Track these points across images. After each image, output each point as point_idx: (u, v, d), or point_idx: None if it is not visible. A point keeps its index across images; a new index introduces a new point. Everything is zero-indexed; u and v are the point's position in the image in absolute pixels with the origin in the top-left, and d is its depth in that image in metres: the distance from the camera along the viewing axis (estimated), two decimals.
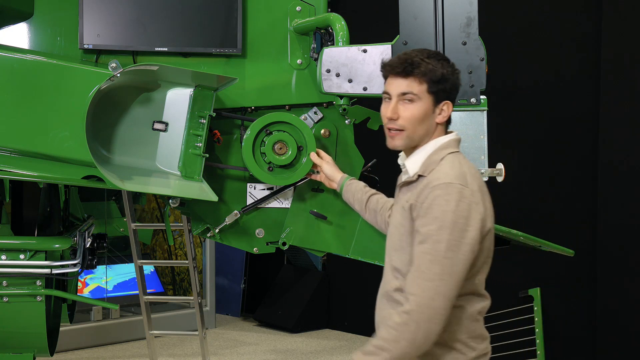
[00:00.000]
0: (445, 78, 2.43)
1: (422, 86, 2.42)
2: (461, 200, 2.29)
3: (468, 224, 2.29)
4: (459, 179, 2.34)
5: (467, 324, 2.40)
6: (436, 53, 2.47)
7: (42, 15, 3.25)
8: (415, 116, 2.43)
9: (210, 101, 3.21)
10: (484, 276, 2.45)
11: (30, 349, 3.61)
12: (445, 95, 2.45)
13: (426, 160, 2.44)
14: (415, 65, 2.41)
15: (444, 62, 2.45)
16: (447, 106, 2.46)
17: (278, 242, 3.40)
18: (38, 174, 3.12)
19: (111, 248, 7.11)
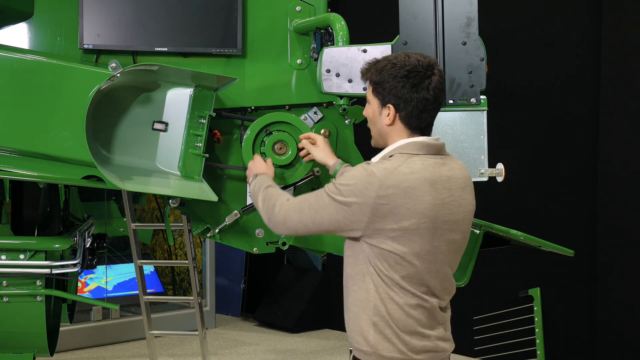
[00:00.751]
0: (384, 80, 2.51)
1: (370, 88, 2.57)
2: (361, 175, 2.42)
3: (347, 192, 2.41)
4: (377, 167, 2.43)
5: (399, 315, 2.45)
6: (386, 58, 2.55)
7: (42, 15, 3.25)
8: (369, 117, 2.61)
9: (210, 101, 3.21)
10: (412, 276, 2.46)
11: (30, 349, 3.61)
12: (386, 99, 2.52)
13: (381, 157, 2.54)
14: (364, 70, 2.59)
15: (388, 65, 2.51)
16: (389, 110, 2.52)
17: (278, 242, 3.40)
18: (38, 174, 3.12)
19: (111, 248, 7.11)
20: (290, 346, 6.92)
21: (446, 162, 2.51)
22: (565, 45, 5.83)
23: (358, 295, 2.49)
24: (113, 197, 7.01)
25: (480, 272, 3.86)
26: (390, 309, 2.44)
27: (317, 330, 7.44)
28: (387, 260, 2.43)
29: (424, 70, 2.47)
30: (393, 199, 2.38)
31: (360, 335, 2.49)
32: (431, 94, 2.47)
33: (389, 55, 2.55)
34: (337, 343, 7.02)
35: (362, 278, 2.47)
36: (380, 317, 2.45)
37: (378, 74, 2.51)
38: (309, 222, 2.51)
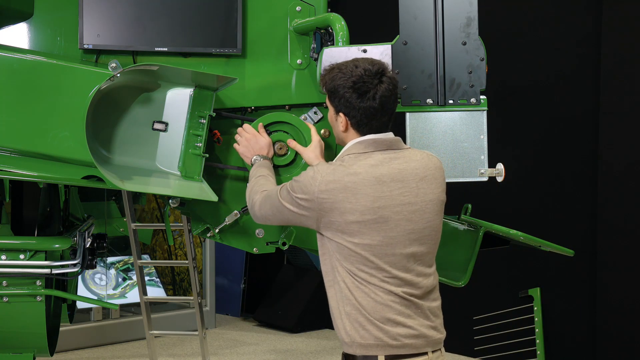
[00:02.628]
0: (334, 89, 2.65)
1: (326, 95, 2.73)
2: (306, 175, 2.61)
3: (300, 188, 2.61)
4: (324, 166, 2.62)
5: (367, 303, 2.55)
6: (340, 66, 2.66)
7: (42, 15, 3.24)
8: (329, 121, 2.78)
9: (210, 101, 3.21)
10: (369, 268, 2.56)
11: (30, 349, 3.61)
12: (338, 107, 2.67)
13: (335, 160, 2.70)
14: (321, 77, 2.74)
15: (342, 74, 2.63)
16: (341, 117, 2.67)
17: (278, 242, 3.40)
18: (38, 174, 3.12)
19: (111, 248, 7.11)
20: (290, 346, 6.92)
21: (399, 156, 2.62)
22: (565, 45, 5.83)
23: (332, 290, 2.62)
24: (113, 197, 7.01)
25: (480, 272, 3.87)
26: (359, 298, 2.55)
27: (317, 330, 7.44)
28: (342, 252, 2.56)
29: (370, 80, 2.59)
30: (334, 193, 2.54)
31: (341, 328, 2.59)
32: (377, 102, 2.61)
33: (341, 64, 2.68)
34: (337, 343, 7.02)
35: (332, 272, 2.62)
36: (351, 307, 2.55)
37: (330, 83, 2.66)
38: (272, 217, 2.77)
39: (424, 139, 3.18)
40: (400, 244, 2.57)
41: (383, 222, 2.54)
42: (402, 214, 2.56)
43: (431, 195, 2.63)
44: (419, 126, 3.18)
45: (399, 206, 2.56)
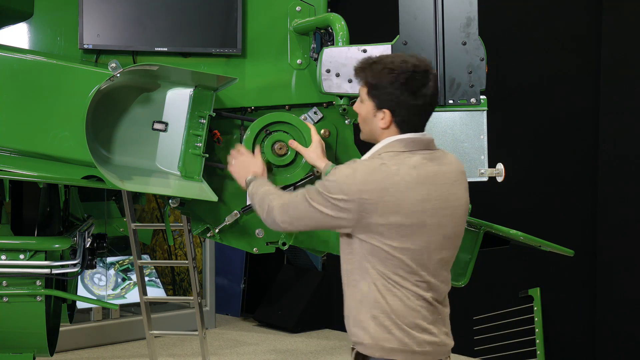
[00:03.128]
0: (380, 86, 2.52)
1: (364, 89, 2.58)
2: (345, 173, 2.47)
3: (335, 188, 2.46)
4: (362, 164, 2.49)
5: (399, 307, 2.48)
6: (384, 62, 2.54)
7: (42, 15, 3.24)
8: (360, 115, 2.62)
9: (210, 101, 3.21)
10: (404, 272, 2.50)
11: (30, 349, 3.61)
12: (383, 103, 2.53)
13: (370, 157, 2.57)
14: (359, 70, 2.59)
15: (389, 69, 2.50)
16: (385, 114, 2.53)
17: (278, 242, 3.40)
18: (38, 174, 3.12)
19: (111, 248, 7.11)
20: (290, 346, 6.92)
21: (435, 157, 2.55)
22: (565, 45, 5.83)
23: (357, 290, 2.52)
24: (113, 197, 7.01)
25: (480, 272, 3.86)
26: (390, 301, 2.47)
27: (317, 330, 7.44)
28: (378, 255, 2.46)
29: (422, 77, 2.50)
30: (376, 193, 2.42)
31: (361, 329, 2.51)
32: (428, 100, 2.52)
33: (385, 58, 2.55)
34: (337, 343, 7.02)
35: (360, 273, 2.51)
36: (380, 310, 2.48)
37: (374, 77, 2.52)
38: (297, 222, 2.59)
39: None
40: (436, 249, 2.51)
41: (422, 226, 2.47)
42: (437, 218, 2.49)
43: (461, 200, 2.59)
44: None
45: (435, 210, 2.49)
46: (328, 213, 2.48)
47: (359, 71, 2.59)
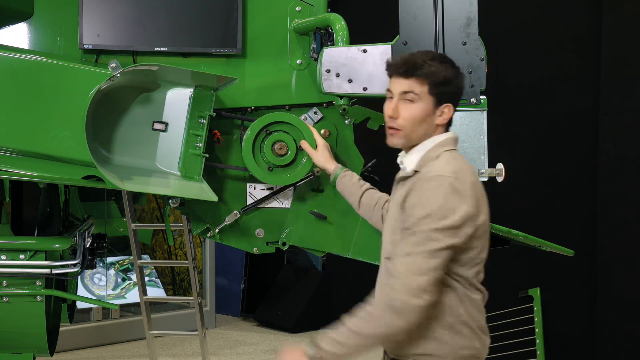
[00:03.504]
0: (448, 81, 2.47)
1: (424, 87, 2.46)
2: (450, 191, 2.34)
3: (454, 214, 2.32)
4: (452, 172, 2.39)
5: (473, 311, 2.43)
6: (441, 55, 2.52)
7: (42, 15, 3.24)
8: (415, 116, 2.48)
9: (210, 101, 3.21)
10: (480, 270, 2.49)
11: (30, 349, 3.61)
12: (446, 97, 2.49)
13: (423, 157, 2.49)
14: (417, 67, 2.46)
15: (447, 65, 2.49)
16: (448, 108, 2.50)
17: (278, 242, 3.40)
18: (38, 174, 3.12)
19: (111, 248, 7.11)
20: None
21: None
22: (565, 45, 5.83)
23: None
24: (113, 197, 7.02)
25: None
26: (468, 306, 2.42)
27: (317, 330, 7.43)
28: (461, 259, 2.40)
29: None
30: (473, 194, 2.39)
31: (430, 340, 2.41)
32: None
33: (439, 54, 2.51)
34: None
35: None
36: (455, 318, 2.41)
37: (442, 73, 2.45)
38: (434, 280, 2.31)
39: None
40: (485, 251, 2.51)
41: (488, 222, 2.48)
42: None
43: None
44: None
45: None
46: (461, 244, 2.34)
47: (416, 69, 2.46)
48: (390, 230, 2.52)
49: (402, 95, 2.49)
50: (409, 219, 2.37)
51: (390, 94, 2.54)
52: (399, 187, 2.57)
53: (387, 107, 2.54)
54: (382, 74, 3.13)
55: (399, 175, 2.59)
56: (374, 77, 3.13)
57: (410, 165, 2.51)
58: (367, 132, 3.61)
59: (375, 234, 3.33)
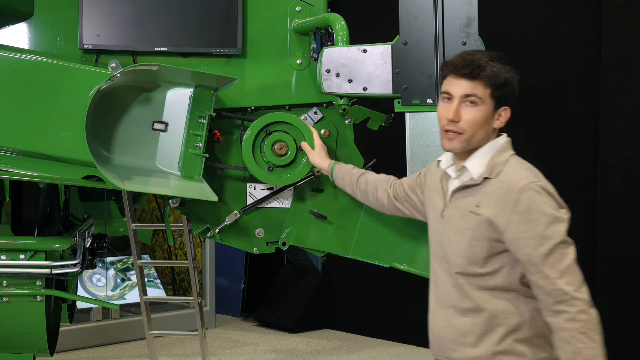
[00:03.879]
0: (507, 83, 2.39)
1: (487, 90, 2.37)
2: (551, 196, 2.36)
3: (564, 217, 2.34)
4: (536, 176, 2.38)
5: (542, 322, 2.37)
6: (498, 56, 2.42)
7: (42, 15, 3.24)
8: (477, 120, 2.38)
9: (210, 101, 3.21)
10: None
11: (30, 349, 3.61)
12: (504, 100, 2.41)
13: (490, 162, 2.40)
14: (481, 68, 2.36)
15: (507, 66, 2.40)
16: (505, 112, 2.42)
17: (278, 242, 3.40)
18: (38, 174, 3.12)
19: (111, 248, 7.11)
20: (290, 346, 6.92)
21: None
22: (565, 45, 5.83)
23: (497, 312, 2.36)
24: (113, 197, 7.01)
25: None
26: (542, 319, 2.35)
27: (317, 330, 7.43)
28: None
29: None
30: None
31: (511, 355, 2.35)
32: None
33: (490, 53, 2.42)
34: (337, 343, 7.02)
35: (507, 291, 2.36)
36: (535, 329, 2.37)
37: (502, 75, 2.38)
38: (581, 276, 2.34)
39: (424, 139, 3.18)
40: None
41: None
42: None
43: None
44: (419, 126, 3.18)
45: None
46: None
47: (480, 70, 2.37)
48: (464, 243, 2.39)
49: (464, 97, 2.37)
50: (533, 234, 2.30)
51: (447, 95, 2.41)
52: (458, 196, 2.44)
53: (445, 109, 2.41)
54: (382, 74, 3.13)
55: (458, 184, 2.45)
56: (374, 77, 3.13)
57: (477, 171, 2.40)
58: (367, 132, 3.61)
59: (376, 234, 3.33)
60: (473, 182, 2.40)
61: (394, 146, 3.81)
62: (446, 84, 2.42)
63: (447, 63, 2.44)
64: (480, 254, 2.36)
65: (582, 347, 2.23)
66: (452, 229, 2.44)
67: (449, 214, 2.46)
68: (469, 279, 2.39)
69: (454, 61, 2.41)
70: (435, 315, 2.50)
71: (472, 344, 2.38)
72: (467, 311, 2.39)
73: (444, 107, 2.41)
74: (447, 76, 2.42)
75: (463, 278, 2.39)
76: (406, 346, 6.80)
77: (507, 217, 2.32)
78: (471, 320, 2.38)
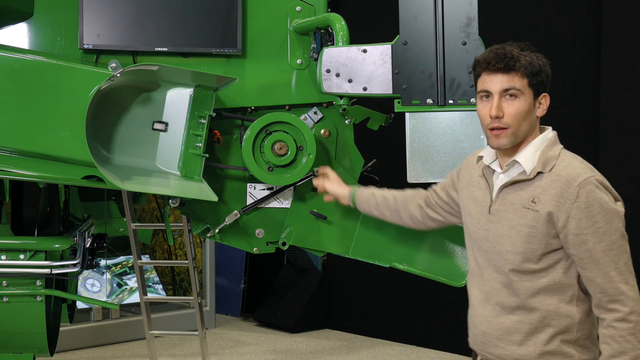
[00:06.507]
0: (542, 69, 2.38)
1: (524, 80, 2.35)
2: (608, 190, 2.36)
3: (621, 210, 2.37)
4: (592, 170, 2.37)
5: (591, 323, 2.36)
6: (526, 45, 2.42)
7: (42, 15, 3.25)
8: (520, 112, 2.35)
9: (210, 101, 3.21)
10: None
11: (30, 349, 3.61)
12: (542, 87, 2.39)
13: (541, 157, 2.39)
14: (515, 60, 2.35)
15: (538, 54, 2.40)
16: (544, 99, 2.40)
17: (278, 242, 3.40)
18: (38, 174, 3.12)
19: (111, 248, 7.11)
20: (290, 346, 6.92)
21: None
22: (565, 46, 5.83)
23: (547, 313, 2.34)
24: (113, 197, 7.01)
25: None
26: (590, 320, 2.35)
27: (317, 330, 7.43)
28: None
29: None
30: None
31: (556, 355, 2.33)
32: None
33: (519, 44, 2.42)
34: (337, 343, 7.02)
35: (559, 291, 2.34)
36: (584, 332, 2.35)
37: (535, 63, 2.37)
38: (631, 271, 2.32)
39: (424, 139, 3.18)
40: None
41: None
42: None
43: None
44: (419, 126, 3.18)
45: None
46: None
47: (515, 61, 2.36)
48: (518, 239, 2.35)
49: (503, 92, 2.35)
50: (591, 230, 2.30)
51: (485, 93, 2.38)
52: (509, 190, 2.40)
53: (486, 107, 2.38)
54: (382, 74, 3.13)
55: (507, 179, 2.41)
56: (374, 77, 3.13)
57: (529, 166, 2.38)
58: (367, 132, 3.61)
59: (375, 234, 3.33)
60: (525, 177, 2.37)
61: (394, 146, 3.81)
62: (482, 82, 2.40)
63: (479, 61, 2.41)
64: (537, 250, 2.33)
65: (628, 348, 2.23)
66: (503, 225, 2.39)
67: (498, 210, 2.41)
68: (522, 276, 2.35)
69: (486, 58, 2.39)
70: (479, 310, 2.48)
71: (519, 342, 2.36)
72: (515, 309, 2.37)
73: (484, 106, 2.39)
74: (482, 74, 2.40)
75: (516, 275, 2.36)
76: (406, 346, 6.80)
77: (567, 212, 2.30)
78: (519, 319, 2.36)
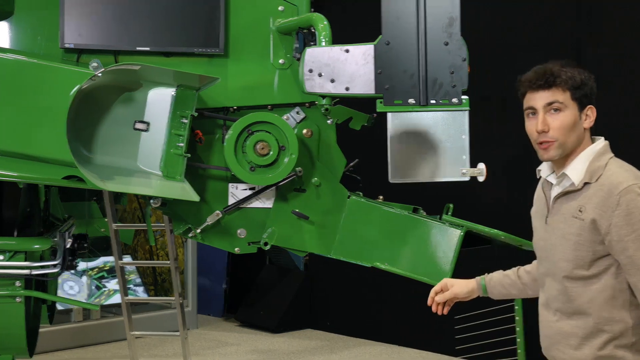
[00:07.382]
0: (585, 83, 2.46)
1: (566, 94, 2.44)
2: None
3: None
4: (638, 179, 2.38)
5: None
6: (568, 61, 2.50)
7: (22, 14, 3.22)
8: (565, 124, 2.44)
9: (192, 101, 3.20)
10: None
11: (9, 350, 3.59)
12: (587, 100, 2.47)
13: (589, 168, 2.44)
14: (555, 76, 2.44)
15: (579, 69, 2.48)
16: (591, 111, 2.47)
17: (260, 242, 3.40)
18: (18, 174, 3.10)
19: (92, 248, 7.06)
20: (272, 346, 6.91)
21: None
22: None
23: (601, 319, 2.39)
24: (94, 197, 6.96)
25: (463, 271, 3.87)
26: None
27: (299, 330, 7.43)
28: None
29: None
30: None
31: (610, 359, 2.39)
32: None
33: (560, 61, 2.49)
34: (319, 343, 7.02)
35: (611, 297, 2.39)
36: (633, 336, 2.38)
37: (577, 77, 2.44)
38: None
39: (406, 139, 3.19)
40: None
41: None
42: None
43: None
44: (401, 126, 3.19)
45: None
46: None
47: (555, 77, 2.44)
48: (569, 247, 2.42)
49: (547, 107, 2.44)
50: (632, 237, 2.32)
51: (531, 110, 2.48)
52: (561, 202, 2.49)
53: (533, 123, 2.48)
54: (365, 74, 3.14)
55: (559, 191, 2.51)
56: (356, 77, 3.13)
57: (577, 177, 2.44)
58: (349, 132, 3.61)
59: (357, 234, 3.34)
60: (574, 188, 2.45)
61: (376, 146, 3.81)
62: (527, 101, 2.50)
63: (522, 81, 2.51)
64: (585, 257, 2.39)
65: None
66: (556, 234, 2.49)
67: (552, 220, 2.52)
68: (575, 283, 2.42)
69: (528, 77, 2.49)
70: (542, 316, 2.57)
71: (575, 346, 2.43)
72: (572, 314, 2.44)
73: (531, 123, 2.49)
74: (526, 93, 2.50)
75: (569, 282, 2.43)
76: (389, 346, 6.82)
77: (609, 219, 2.35)
78: (576, 324, 2.43)
